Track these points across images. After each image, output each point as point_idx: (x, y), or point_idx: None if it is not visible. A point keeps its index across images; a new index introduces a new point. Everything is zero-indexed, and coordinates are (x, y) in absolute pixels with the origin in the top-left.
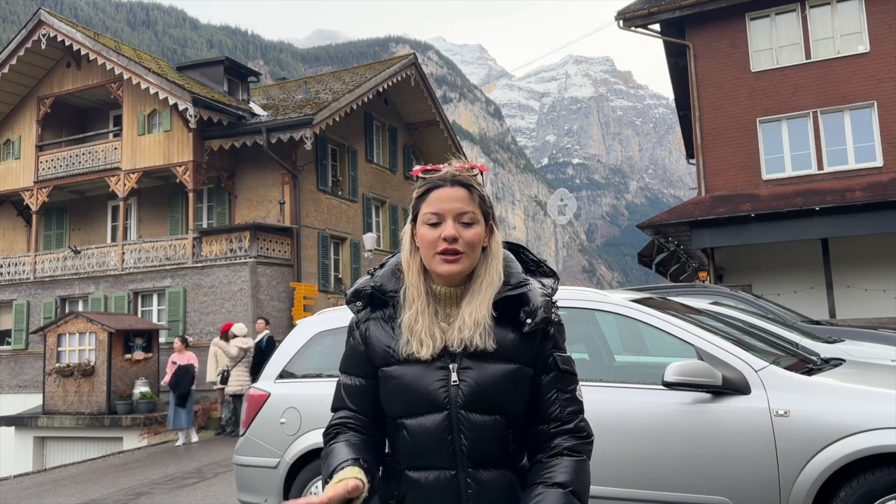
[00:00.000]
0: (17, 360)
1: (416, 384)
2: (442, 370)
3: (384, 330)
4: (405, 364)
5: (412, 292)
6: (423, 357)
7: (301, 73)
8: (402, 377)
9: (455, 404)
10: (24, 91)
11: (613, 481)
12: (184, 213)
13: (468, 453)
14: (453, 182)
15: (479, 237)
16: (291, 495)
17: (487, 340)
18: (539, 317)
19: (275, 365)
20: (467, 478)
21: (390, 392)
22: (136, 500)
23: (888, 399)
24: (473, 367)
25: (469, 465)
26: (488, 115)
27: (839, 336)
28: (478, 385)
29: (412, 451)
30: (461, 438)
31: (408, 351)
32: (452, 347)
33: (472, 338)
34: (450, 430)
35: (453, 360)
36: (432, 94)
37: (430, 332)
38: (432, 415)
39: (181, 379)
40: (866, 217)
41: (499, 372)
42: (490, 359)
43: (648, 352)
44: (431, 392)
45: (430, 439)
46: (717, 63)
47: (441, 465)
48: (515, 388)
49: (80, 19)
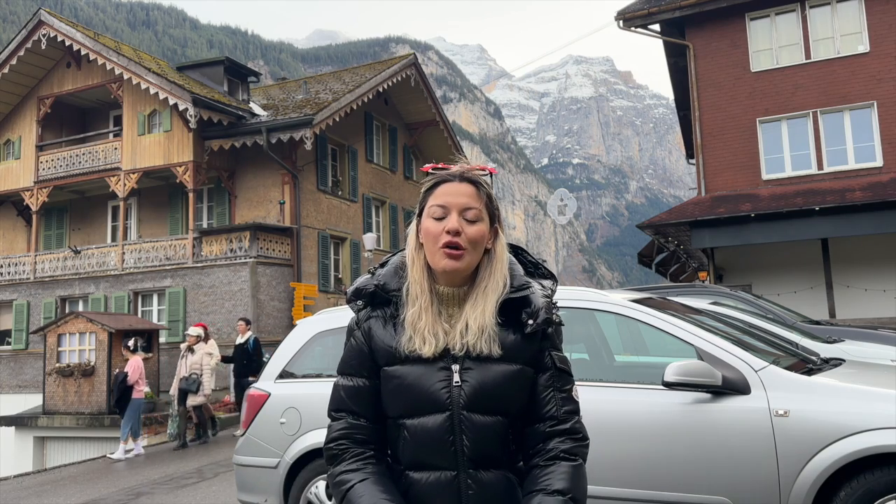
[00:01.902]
0: (17, 360)
1: (419, 384)
2: (444, 370)
3: (386, 329)
4: (407, 364)
5: (415, 289)
6: (426, 354)
7: (301, 73)
8: (405, 377)
9: (457, 405)
10: (24, 91)
11: (613, 481)
12: (184, 213)
13: (469, 454)
14: (462, 178)
15: (483, 235)
16: (291, 495)
17: (493, 346)
18: (541, 318)
19: (275, 365)
20: (468, 479)
21: (392, 392)
22: (136, 500)
23: (888, 399)
24: (475, 369)
25: (470, 467)
26: (488, 115)
27: (839, 336)
28: (480, 386)
29: (413, 451)
30: (463, 439)
31: (410, 348)
32: (454, 351)
33: (477, 344)
34: (451, 430)
35: (455, 361)
36: (432, 94)
37: (433, 329)
38: (434, 415)
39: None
40: (866, 217)
41: (501, 373)
42: (492, 360)
43: (648, 352)
44: (433, 392)
45: (431, 440)
46: (717, 63)
47: (442, 465)
48: (517, 389)
49: (80, 19)
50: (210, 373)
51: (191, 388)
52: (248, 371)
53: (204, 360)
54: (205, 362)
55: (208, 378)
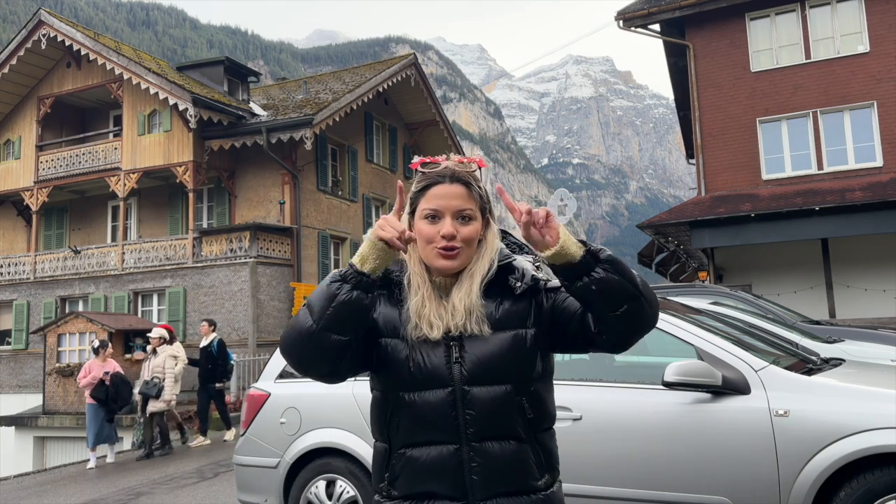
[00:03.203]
0: (17, 360)
1: (419, 360)
2: (443, 346)
3: (391, 306)
4: (410, 343)
5: (416, 280)
6: (434, 337)
7: (301, 73)
8: (407, 354)
9: (459, 381)
10: (24, 91)
11: (613, 481)
12: (184, 213)
13: (473, 427)
14: (452, 179)
15: (477, 232)
16: (291, 495)
17: (483, 326)
18: (528, 277)
19: (275, 365)
20: (471, 451)
21: (393, 366)
22: (136, 500)
23: (888, 399)
24: (475, 343)
25: (473, 440)
26: (488, 115)
27: (839, 336)
28: (479, 359)
29: (413, 427)
30: (465, 413)
31: (417, 334)
32: (452, 332)
33: (466, 325)
34: (454, 405)
35: (453, 340)
36: (432, 94)
37: (437, 313)
38: (435, 390)
39: (121, 389)
40: (866, 217)
41: (497, 342)
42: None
43: (648, 352)
44: (434, 368)
45: (433, 414)
46: (717, 63)
47: (443, 440)
48: (517, 354)
49: (80, 19)
50: (173, 377)
51: (150, 392)
52: (212, 376)
53: (167, 363)
54: (167, 365)
55: (170, 383)
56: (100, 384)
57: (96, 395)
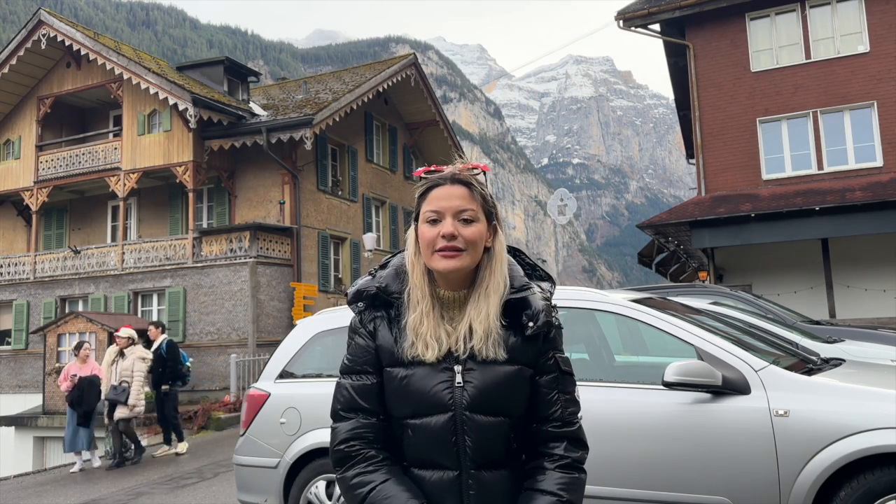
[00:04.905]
0: (17, 360)
1: (421, 386)
2: (446, 371)
3: (389, 330)
4: (410, 366)
5: (416, 294)
6: (429, 360)
7: (301, 73)
8: (407, 378)
9: (460, 406)
10: (24, 91)
11: (613, 481)
12: (184, 213)
13: (472, 454)
14: (453, 180)
15: (480, 235)
16: (291, 495)
17: (499, 350)
18: (541, 320)
19: (275, 365)
20: (469, 479)
21: (395, 393)
22: (136, 500)
23: (888, 399)
24: (478, 370)
25: (472, 467)
26: (488, 115)
27: (839, 336)
28: (483, 387)
29: (417, 450)
30: (465, 440)
31: (413, 353)
32: (458, 353)
33: (483, 349)
34: (454, 431)
35: (458, 363)
36: (432, 94)
37: (435, 334)
38: (437, 416)
39: (86, 393)
40: (866, 217)
41: (503, 374)
42: (495, 362)
43: (648, 352)
44: (436, 394)
45: (434, 440)
46: (717, 63)
47: (445, 465)
48: (518, 390)
49: (80, 19)
50: (141, 380)
51: (119, 398)
52: (162, 379)
53: (136, 365)
54: (136, 368)
55: (137, 387)
56: (74, 387)
57: (70, 399)
